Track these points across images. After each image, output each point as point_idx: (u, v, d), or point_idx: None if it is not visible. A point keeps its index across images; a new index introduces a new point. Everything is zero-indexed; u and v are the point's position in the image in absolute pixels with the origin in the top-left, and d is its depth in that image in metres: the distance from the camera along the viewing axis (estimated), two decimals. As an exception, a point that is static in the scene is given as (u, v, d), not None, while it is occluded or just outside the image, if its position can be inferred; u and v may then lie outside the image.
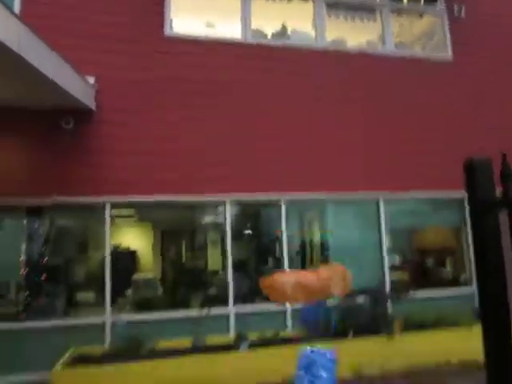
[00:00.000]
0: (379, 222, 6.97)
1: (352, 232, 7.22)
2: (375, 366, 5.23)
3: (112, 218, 6.15)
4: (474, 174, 1.48)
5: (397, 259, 7.84)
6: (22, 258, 6.39)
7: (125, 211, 7.51)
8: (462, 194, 7.03)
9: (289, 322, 6.24)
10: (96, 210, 6.42)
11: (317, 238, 7.65)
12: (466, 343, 5.49)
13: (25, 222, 6.31)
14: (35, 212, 6.38)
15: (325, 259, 7.21)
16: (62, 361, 4.89)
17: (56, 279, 7.22)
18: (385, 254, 6.96)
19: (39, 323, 5.74)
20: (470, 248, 7.19)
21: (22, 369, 5.38)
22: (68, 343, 5.36)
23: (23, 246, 6.53)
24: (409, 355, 5.37)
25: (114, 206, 6.08)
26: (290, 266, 6.56)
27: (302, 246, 7.68)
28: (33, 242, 6.72)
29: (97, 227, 7.55)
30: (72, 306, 6.63)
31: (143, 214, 8.51)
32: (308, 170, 6.64)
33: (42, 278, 6.56)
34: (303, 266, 7.37)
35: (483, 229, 1.43)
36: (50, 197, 5.79)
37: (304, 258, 7.69)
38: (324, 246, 7.26)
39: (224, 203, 6.38)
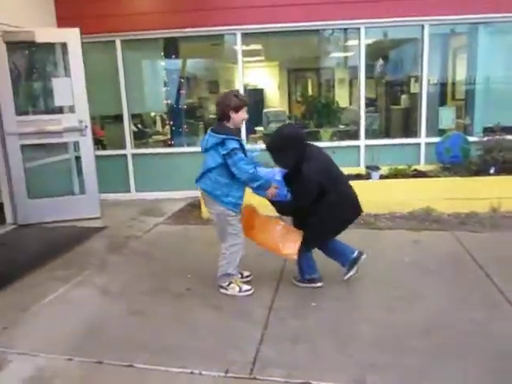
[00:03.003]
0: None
1: (504, 64, 6.24)
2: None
3: (242, 52, 6.08)
4: None
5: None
6: (164, 92, 6.92)
7: (253, 48, 7.36)
8: None
9: (422, 156, 6.01)
10: (226, 44, 6.48)
11: (461, 72, 6.82)
12: None
13: (162, 54, 6.62)
14: (171, 47, 6.65)
15: (469, 95, 6.51)
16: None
17: (194, 115, 7.83)
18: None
19: (185, 149, 6.41)
20: None
21: (177, 187, 6.19)
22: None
23: (163, 82, 7.01)
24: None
25: (244, 35, 5.96)
26: (428, 103, 6.04)
27: (443, 80, 6.97)
28: (171, 77, 7.16)
29: (227, 64, 7.69)
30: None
31: (270, 52, 8.33)
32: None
33: (182, 109, 7.12)
34: (442, 104, 6.79)
35: None
36: (184, 28, 5.87)
37: (444, 94, 7.03)
38: (469, 81, 6.47)
39: (358, 30, 5.84)
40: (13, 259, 4.16)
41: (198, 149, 6.27)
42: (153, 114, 7.64)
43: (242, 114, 3.05)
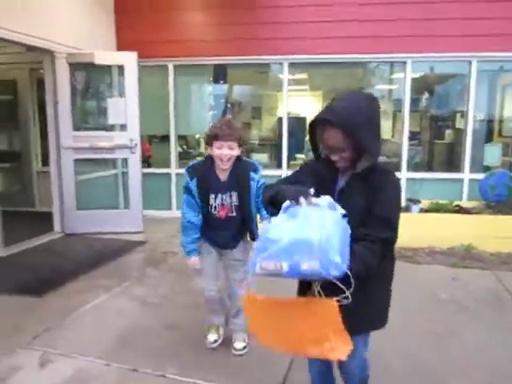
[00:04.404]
0: None
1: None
2: None
3: (288, 81, 6.25)
4: None
5: None
6: (210, 116, 7.18)
7: (298, 77, 7.55)
8: None
9: (465, 192, 5.91)
10: (272, 72, 6.71)
11: (510, 109, 6.71)
12: None
13: (211, 80, 6.91)
14: (220, 73, 6.93)
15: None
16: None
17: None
18: None
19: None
20: None
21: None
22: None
23: (210, 106, 7.28)
24: None
25: (291, 65, 6.16)
26: (474, 139, 5.97)
27: (490, 117, 6.86)
28: (217, 102, 7.43)
29: (272, 91, 7.90)
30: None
31: (315, 82, 8.50)
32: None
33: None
34: (488, 140, 6.67)
35: None
36: (233, 56, 6.13)
37: (491, 131, 6.91)
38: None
39: (404, 63, 5.90)
40: (59, 266, 4.38)
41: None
42: (197, 135, 7.91)
43: (216, 149, 2.41)
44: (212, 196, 2.51)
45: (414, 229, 4.66)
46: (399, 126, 6.26)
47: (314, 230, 1.43)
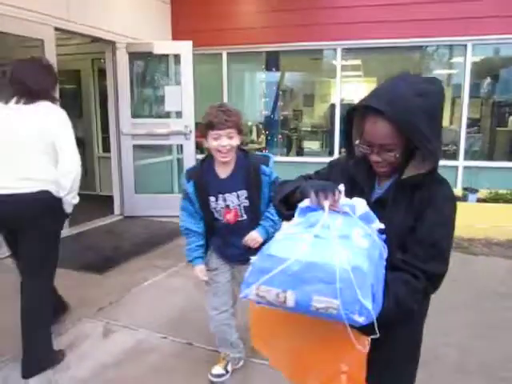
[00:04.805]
0: None
1: None
2: None
3: (341, 67, 6.18)
4: None
5: None
6: (262, 103, 7.25)
7: (352, 63, 7.43)
8: None
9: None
10: (325, 58, 6.64)
11: None
12: None
13: (263, 67, 6.95)
14: (272, 60, 6.95)
15: None
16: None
17: (288, 126, 8.08)
18: None
19: (278, 158, 6.62)
20: None
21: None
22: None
23: (262, 93, 7.33)
24: None
25: (344, 50, 6.07)
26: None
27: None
28: (270, 89, 7.47)
29: (324, 78, 7.83)
30: (300, 153, 7.42)
31: (369, 68, 8.30)
32: None
33: (277, 120, 7.38)
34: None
35: None
36: (286, 43, 6.12)
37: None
38: None
39: (465, 46, 5.65)
40: (118, 246, 4.66)
41: (290, 159, 6.59)
42: (249, 123, 8.01)
43: (212, 141, 2.00)
44: (212, 198, 2.10)
45: (471, 219, 4.52)
46: (458, 113, 6.02)
47: (339, 251, 0.99)
